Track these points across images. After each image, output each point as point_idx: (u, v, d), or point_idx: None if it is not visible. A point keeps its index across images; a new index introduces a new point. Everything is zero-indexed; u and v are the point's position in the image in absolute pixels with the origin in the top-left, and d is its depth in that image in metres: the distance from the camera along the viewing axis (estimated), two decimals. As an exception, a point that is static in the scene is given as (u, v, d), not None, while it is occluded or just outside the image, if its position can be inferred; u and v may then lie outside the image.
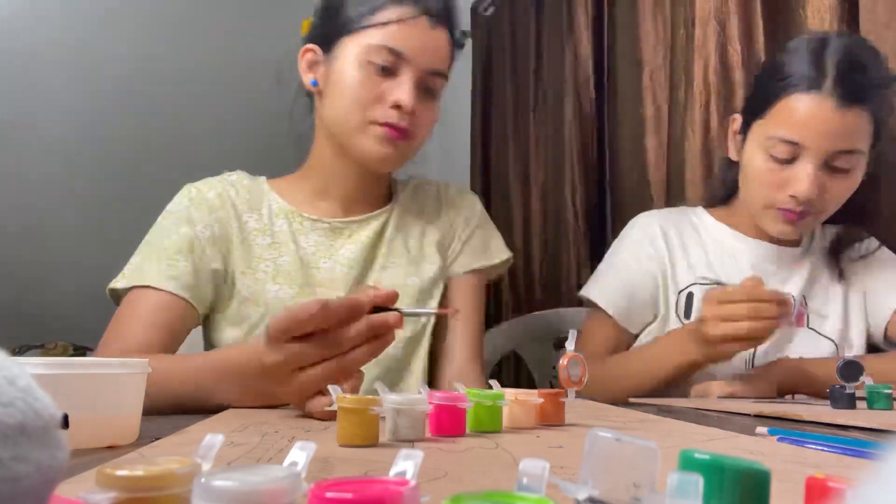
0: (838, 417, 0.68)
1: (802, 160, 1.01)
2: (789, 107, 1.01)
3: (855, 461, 0.43)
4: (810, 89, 0.99)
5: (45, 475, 0.20)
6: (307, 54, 1.00)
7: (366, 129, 0.94)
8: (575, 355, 0.62)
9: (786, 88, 1.02)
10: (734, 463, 0.24)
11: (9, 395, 0.20)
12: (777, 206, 1.05)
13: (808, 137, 1.00)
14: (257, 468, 0.23)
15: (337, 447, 0.44)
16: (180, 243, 0.93)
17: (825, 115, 0.99)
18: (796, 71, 1.02)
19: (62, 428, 0.22)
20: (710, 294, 0.96)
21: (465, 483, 0.32)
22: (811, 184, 1.00)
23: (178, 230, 0.94)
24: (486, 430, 0.52)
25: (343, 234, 1.02)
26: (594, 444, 0.24)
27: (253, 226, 0.99)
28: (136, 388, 0.49)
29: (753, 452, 0.44)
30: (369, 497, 0.21)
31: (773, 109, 1.04)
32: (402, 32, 0.92)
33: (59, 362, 0.46)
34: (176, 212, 0.97)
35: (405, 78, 0.93)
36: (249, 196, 1.02)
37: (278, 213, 1.01)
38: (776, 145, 1.02)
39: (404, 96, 0.92)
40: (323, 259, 0.99)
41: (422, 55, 0.93)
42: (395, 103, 0.92)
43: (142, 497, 0.22)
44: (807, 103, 1.00)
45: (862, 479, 0.14)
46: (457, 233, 1.09)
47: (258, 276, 0.96)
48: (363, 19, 0.93)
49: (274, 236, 0.99)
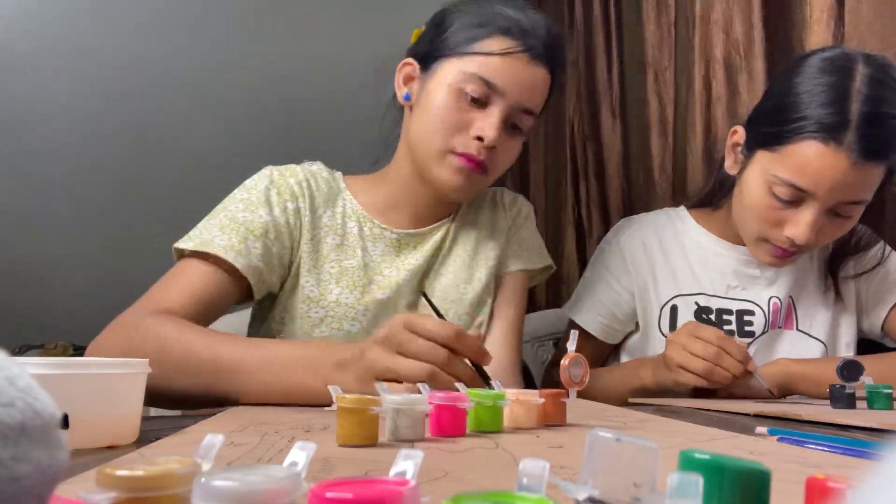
0: (838, 417, 0.68)
1: (806, 206, 0.97)
2: (803, 153, 0.94)
3: (855, 461, 0.43)
4: (828, 140, 0.92)
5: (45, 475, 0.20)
6: (405, 68, 1.00)
7: (444, 157, 0.94)
8: (576, 355, 0.62)
9: (801, 131, 0.94)
10: (734, 463, 0.24)
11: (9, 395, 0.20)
12: (771, 241, 1.03)
13: (817, 188, 0.94)
14: (257, 468, 0.23)
15: (337, 447, 0.44)
16: (255, 224, 0.92)
17: (840, 170, 0.92)
18: (815, 115, 0.93)
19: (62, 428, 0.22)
20: (687, 324, 1.00)
21: (465, 483, 0.32)
22: (810, 231, 0.97)
23: (256, 211, 0.93)
24: (487, 431, 0.52)
25: (408, 246, 1.03)
26: (594, 444, 0.24)
27: (326, 222, 1.00)
28: (136, 388, 0.49)
29: (753, 452, 0.44)
30: (369, 497, 0.21)
31: (785, 149, 0.96)
32: (500, 65, 0.91)
33: (59, 362, 0.46)
34: (255, 190, 0.96)
35: (493, 111, 0.92)
36: (328, 190, 1.02)
37: (351, 214, 1.02)
38: (782, 186, 0.97)
39: (488, 130, 0.91)
40: (387, 268, 1.00)
41: (515, 90, 0.92)
42: (478, 135, 0.91)
43: (142, 497, 0.22)
44: (823, 155, 0.92)
45: (862, 479, 0.14)
46: (508, 235, 1.09)
47: (322, 277, 0.96)
48: (465, 44, 0.92)
49: (344, 238, 1.00)
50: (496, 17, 0.92)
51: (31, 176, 2.41)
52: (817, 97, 0.94)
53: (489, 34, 0.91)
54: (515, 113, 0.93)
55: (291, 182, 0.98)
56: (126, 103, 2.52)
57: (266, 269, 0.92)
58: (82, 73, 2.47)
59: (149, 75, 2.56)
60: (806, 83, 0.96)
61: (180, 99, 2.59)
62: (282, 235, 0.94)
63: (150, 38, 2.57)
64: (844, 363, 0.85)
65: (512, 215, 1.11)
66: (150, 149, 2.52)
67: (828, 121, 0.92)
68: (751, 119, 1.07)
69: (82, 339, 2.38)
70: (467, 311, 1.02)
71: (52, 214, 2.42)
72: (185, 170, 2.50)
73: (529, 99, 0.94)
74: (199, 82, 2.62)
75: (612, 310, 1.20)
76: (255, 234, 0.91)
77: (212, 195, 0.99)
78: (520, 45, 0.91)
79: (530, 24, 0.93)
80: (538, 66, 0.93)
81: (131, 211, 2.43)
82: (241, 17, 2.72)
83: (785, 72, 1.04)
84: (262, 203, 0.94)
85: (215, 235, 0.89)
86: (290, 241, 0.96)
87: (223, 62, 2.65)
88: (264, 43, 2.73)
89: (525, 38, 0.92)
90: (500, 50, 0.91)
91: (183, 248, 0.89)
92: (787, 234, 0.99)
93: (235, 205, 0.94)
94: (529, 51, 0.92)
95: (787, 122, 0.96)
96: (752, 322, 1.13)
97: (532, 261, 1.10)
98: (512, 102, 0.92)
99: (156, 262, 2.08)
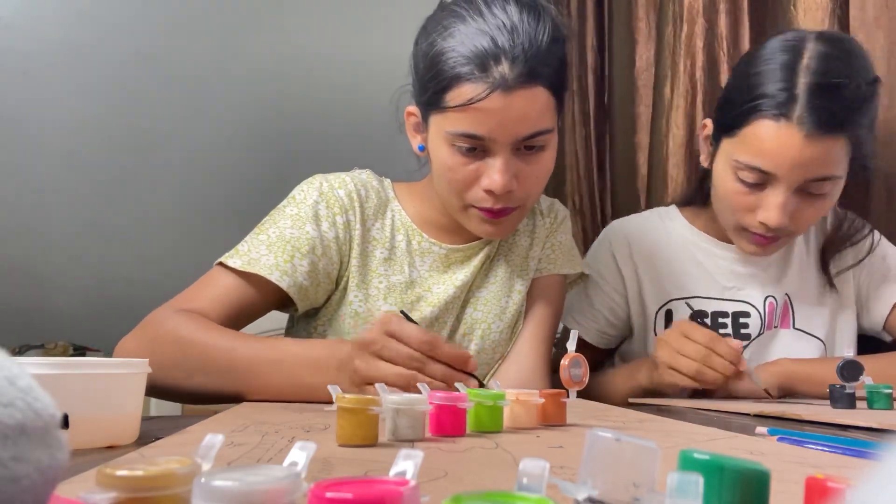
0: (838, 417, 0.68)
1: (773, 188, 0.96)
2: (757, 134, 0.95)
3: (855, 461, 0.43)
4: (779, 117, 0.92)
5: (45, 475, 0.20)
6: (411, 118, 0.95)
7: (466, 210, 0.91)
8: (576, 356, 0.62)
9: (754, 112, 0.95)
10: (734, 463, 0.24)
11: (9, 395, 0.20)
12: (748, 228, 1.02)
13: (778, 167, 0.94)
14: (257, 468, 0.23)
15: (337, 447, 0.44)
16: (302, 241, 0.90)
17: (795, 146, 0.92)
18: (766, 91, 0.94)
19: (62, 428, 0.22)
20: (679, 323, 0.99)
21: (465, 483, 0.32)
22: (781, 213, 0.96)
23: (303, 227, 0.91)
24: (487, 431, 0.52)
25: (456, 261, 1.00)
26: (594, 444, 0.24)
27: (374, 235, 0.97)
28: (136, 388, 0.49)
29: (753, 452, 0.44)
30: (369, 497, 0.21)
31: (742, 132, 0.97)
32: (477, 115, 0.82)
33: (59, 362, 0.46)
34: (304, 204, 0.93)
35: (495, 158, 0.84)
36: (378, 201, 0.99)
37: (399, 227, 0.99)
38: (744, 170, 0.97)
39: (497, 180, 0.84)
40: (434, 284, 0.98)
41: (506, 130, 0.83)
42: (488, 189, 0.86)
43: (142, 497, 0.22)
44: (775, 132, 0.93)
45: (862, 479, 0.14)
46: (545, 241, 1.07)
47: (370, 293, 0.95)
48: (438, 98, 0.84)
49: (392, 251, 0.98)
50: (461, 50, 0.82)
51: (31, 176, 2.41)
52: (768, 77, 0.95)
53: (451, 83, 0.82)
54: (522, 143, 0.85)
55: (341, 194, 0.95)
56: (126, 103, 2.52)
57: (311, 286, 0.91)
58: (82, 73, 2.47)
59: (149, 76, 2.56)
60: (760, 65, 0.97)
61: (181, 99, 2.59)
62: (329, 251, 0.92)
63: (151, 38, 2.57)
64: (844, 363, 0.85)
65: (549, 220, 1.08)
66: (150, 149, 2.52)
67: (777, 98, 0.92)
68: (715, 109, 1.08)
69: (82, 339, 2.38)
70: (509, 325, 1.01)
71: (51, 214, 2.42)
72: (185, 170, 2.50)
73: (528, 126, 0.84)
74: (201, 83, 2.62)
75: (606, 315, 1.19)
76: (301, 252, 0.90)
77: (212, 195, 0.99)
78: (487, 86, 0.80)
79: (507, 41, 0.81)
80: (519, 90, 0.81)
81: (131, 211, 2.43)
82: (242, 17, 2.72)
83: (743, 58, 1.06)
84: (311, 218, 0.92)
85: (262, 255, 0.88)
86: (338, 256, 0.94)
87: (224, 63, 2.66)
88: (267, 43, 2.73)
89: (490, 71, 0.80)
90: (470, 98, 0.81)
91: (231, 266, 0.87)
92: (760, 219, 0.99)
93: (284, 220, 0.92)
94: (501, 87, 0.80)
95: (742, 104, 0.97)
96: (748, 324, 1.12)
97: (567, 265, 1.07)
98: (509, 140, 0.84)
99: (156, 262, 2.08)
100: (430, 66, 0.84)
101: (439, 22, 0.86)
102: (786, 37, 0.99)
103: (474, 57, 0.81)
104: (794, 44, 0.96)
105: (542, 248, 1.06)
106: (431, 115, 0.87)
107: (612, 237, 1.21)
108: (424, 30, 0.89)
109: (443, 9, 0.88)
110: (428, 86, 0.85)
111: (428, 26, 0.88)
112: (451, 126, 0.84)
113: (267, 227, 0.92)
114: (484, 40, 0.81)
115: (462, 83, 0.82)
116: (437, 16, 0.88)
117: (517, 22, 0.82)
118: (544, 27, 0.83)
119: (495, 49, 0.81)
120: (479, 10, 0.83)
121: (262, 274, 0.87)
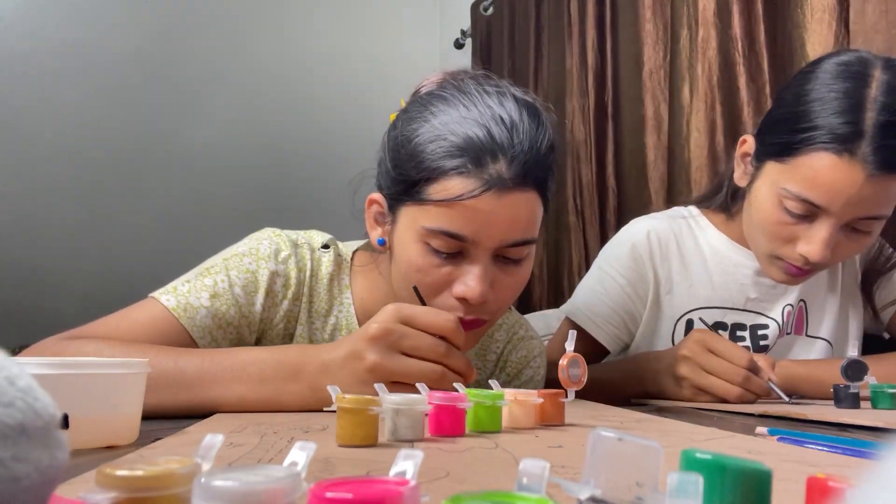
0: (843, 417, 0.68)
1: (820, 222, 0.91)
2: (814, 166, 0.88)
3: (855, 461, 0.43)
4: (841, 152, 0.86)
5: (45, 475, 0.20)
6: (373, 206, 0.83)
7: None
8: (575, 356, 0.62)
9: (812, 141, 0.88)
10: (735, 463, 0.24)
11: (9, 395, 0.20)
12: (783, 258, 0.97)
13: (831, 203, 0.88)
14: (257, 468, 0.23)
15: (337, 447, 0.44)
16: (248, 312, 0.82)
17: (855, 184, 0.86)
18: (827, 124, 0.87)
19: (62, 428, 0.22)
20: (701, 336, 0.93)
21: (465, 483, 0.32)
22: (824, 248, 0.91)
23: (254, 296, 0.82)
24: (486, 431, 0.52)
25: None
26: (597, 444, 0.24)
27: (317, 329, 0.87)
28: (136, 388, 0.49)
29: (753, 452, 0.44)
30: (369, 497, 0.21)
31: (795, 161, 0.90)
32: (464, 212, 0.71)
33: (59, 362, 0.46)
34: (259, 273, 0.83)
35: (472, 263, 0.74)
36: (327, 297, 0.88)
37: (343, 327, 0.88)
38: (792, 200, 0.91)
39: (472, 290, 0.73)
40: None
41: (492, 234, 0.73)
42: (461, 296, 0.75)
43: (142, 497, 0.22)
44: (835, 167, 0.86)
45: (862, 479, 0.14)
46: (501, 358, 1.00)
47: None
48: (418, 190, 0.73)
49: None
50: (452, 140, 0.72)
51: (31, 176, 2.41)
52: (830, 105, 0.88)
53: (442, 173, 0.72)
54: (502, 250, 0.75)
55: (293, 279, 0.85)
56: (126, 104, 2.52)
57: (226, 343, 0.82)
58: (82, 74, 2.47)
59: (149, 76, 2.56)
60: (818, 90, 0.90)
61: (181, 100, 2.59)
62: (263, 324, 0.84)
63: (151, 38, 2.57)
64: (848, 363, 0.84)
65: (505, 340, 0.98)
66: (150, 149, 2.52)
67: (841, 131, 0.86)
68: (761, 128, 1.01)
69: (82, 339, 2.35)
70: None
71: (51, 214, 2.42)
72: (185, 170, 2.50)
73: (515, 233, 0.74)
74: (201, 84, 2.62)
75: (622, 316, 1.13)
76: (235, 323, 0.81)
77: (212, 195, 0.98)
78: (481, 183, 0.71)
79: (505, 137, 0.72)
80: (520, 191, 0.73)
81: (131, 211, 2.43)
82: (242, 17, 2.72)
83: (797, 78, 0.97)
84: (263, 292, 0.83)
85: (202, 304, 0.79)
86: (268, 331, 0.85)
87: (224, 63, 2.66)
88: (267, 43, 2.73)
89: (485, 167, 0.71)
90: (459, 194, 0.71)
91: (164, 304, 0.78)
92: (800, 252, 0.93)
93: (237, 274, 0.82)
94: (497, 186, 0.71)
95: (798, 131, 0.90)
96: (766, 336, 1.10)
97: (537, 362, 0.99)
98: (494, 245, 0.74)
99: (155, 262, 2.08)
100: (411, 153, 0.74)
101: (425, 106, 0.76)
102: (844, 59, 0.91)
103: (469, 149, 0.71)
104: (858, 69, 0.89)
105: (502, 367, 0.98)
106: (404, 207, 0.76)
107: (635, 239, 1.13)
108: (405, 112, 0.79)
109: (428, 94, 0.79)
110: (406, 175, 0.74)
111: (410, 109, 0.79)
112: (429, 222, 0.73)
113: (214, 272, 0.82)
114: (479, 131, 0.72)
115: (450, 176, 0.71)
116: (421, 100, 0.78)
117: (517, 120, 0.73)
118: (544, 131, 0.76)
119: (492, 143, 0.71)
120: (472, 99, 0.74)
121: (192, 334, 0.78)
